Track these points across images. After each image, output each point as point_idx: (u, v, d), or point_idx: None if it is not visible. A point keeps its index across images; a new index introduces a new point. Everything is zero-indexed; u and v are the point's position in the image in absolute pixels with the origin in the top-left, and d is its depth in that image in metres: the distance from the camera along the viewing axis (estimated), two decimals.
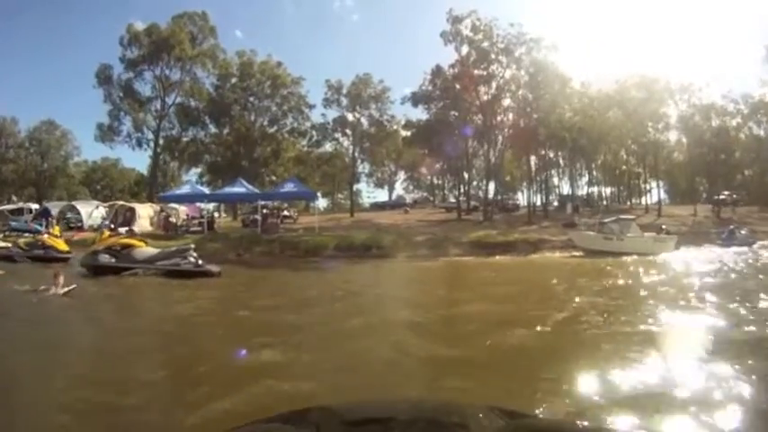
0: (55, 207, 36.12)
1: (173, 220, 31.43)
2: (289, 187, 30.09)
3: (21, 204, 40.31)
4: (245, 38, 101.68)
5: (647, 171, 51.40)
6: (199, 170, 53.07)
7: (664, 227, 27.27)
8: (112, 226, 29.41)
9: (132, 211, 33.75)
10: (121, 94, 48.72)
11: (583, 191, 55.21)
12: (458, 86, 39.64)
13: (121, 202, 37.19)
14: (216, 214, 38.13)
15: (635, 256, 21.64)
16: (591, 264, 19.86)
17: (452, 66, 40.30)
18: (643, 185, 56.40)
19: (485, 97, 39.72)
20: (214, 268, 16.22)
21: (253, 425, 1.75)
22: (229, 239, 26.10)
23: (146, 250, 17.00)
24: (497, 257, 23.08)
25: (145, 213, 33.10)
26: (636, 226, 25.86)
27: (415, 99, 42.12)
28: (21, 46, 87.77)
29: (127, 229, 24.02)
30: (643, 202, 52.45)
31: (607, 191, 58.33)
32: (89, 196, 61.83)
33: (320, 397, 5.07)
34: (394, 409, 1.82)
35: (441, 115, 41.15)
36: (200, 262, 16.37)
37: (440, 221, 35.61)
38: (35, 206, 38.55)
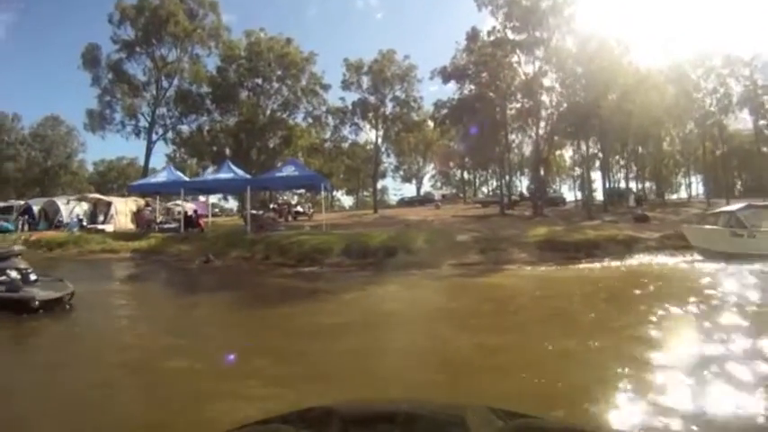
0: (36, 204, 32.25)
1: (148, 214, 26.08)
2: (288, 171, 23.13)
3: (12, 202, 36.79)
4: None
5: (690, 162, 48.88)
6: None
7: None
8: (84, 222, 26.84)
9: (109, 205, 28.93)
10: (111, 77, 43.25)
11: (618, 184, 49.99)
12: (498, 53, 32.77)
13: (98, 196, 31.15)
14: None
15: None
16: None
17: (489, 33, 33.87)
18: (682, 179, 54.30)
19: (528, 67, 33.38)
20: (56, 293, 9.23)
21: (253, 425, 1.66)
22: (203, 240, 19.34)
23: None
24: (585, 264, 16.08)
25: (124, 208, 28.33)
26: None
27: (447, 74, 35.28)
28: (25, 39, 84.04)
29: None
30: (676, 196, 50.74)
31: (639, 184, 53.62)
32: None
33: None
34: (394, 410, 1.76)
35: (478, 90, 34.38)
36: (33, 277, 9.34)
37: (479, 217, 29.73)
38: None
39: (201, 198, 34.47)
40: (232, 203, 53.83)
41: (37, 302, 8.64)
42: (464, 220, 28.46)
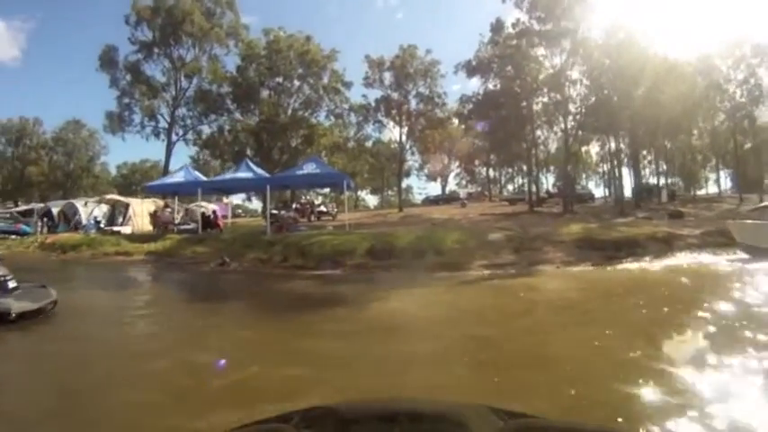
0: (56, 207, 31.81)
1: (167, 215, 24.91)
2: (309, 168, 21.88)
3: (33, 205, 36.74)
4: None
5: (719, 158, 47.39)
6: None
7: None
8: (101, 224, 26.08)
9: (127, 207, 28.54)
10: (129, 78, 42.77)
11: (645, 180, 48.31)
12: (523, 45, 31.51)
13: (116, 197, 30.55)
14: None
15: None
16: None
17: (514, 24, 32.49)
18: (709, 173, 53.03)
19: (555, 60, 31.85)
20: (34, 303, 8.16)
21: (253, 425, 1.68)
22: (220, 241, 18.32)
23: None
24: (628, 264, 14.58)
25: (142, 210, 27.48)
26: None
27: (471, 68, 34.21)
28: (47, 47, 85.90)
29: None
30: (705, 191, 49.62)
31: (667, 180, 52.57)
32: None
33: None
34: (394, 409, 1.78)
35: (504, 83, 33.27)
36: (11, 285, 8.29)
37: (507, 215, 28.33)
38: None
39: (225, 199, 33.75)
40: (257, 204, 53.46)
41: (13, 315, 7.61)
42: (492, 218, 27.17)
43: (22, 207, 37.98)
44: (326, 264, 14.70)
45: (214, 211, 26.64)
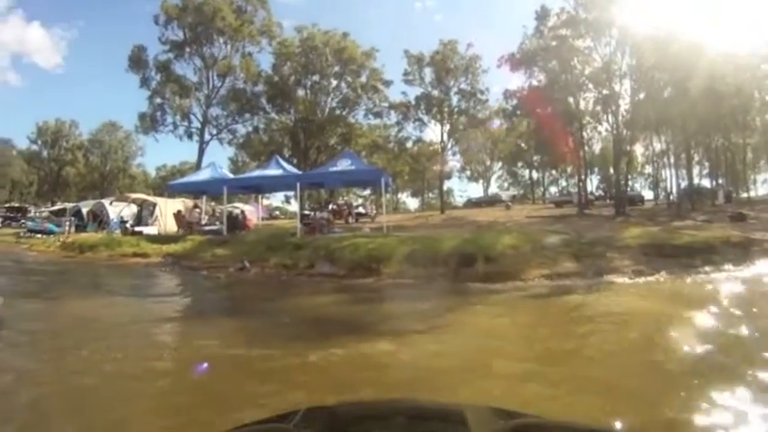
0: (86, 206, 31.70)
1: (196, 215, 24.19)
2: (343, 165, 19.92)
3: (65, 205, 37.80)
4: None
5: None
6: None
7: None
8: (129, 224, 25.12)
9: (155, 207, 27.19)
10: (160, 78, 41.84)
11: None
12: (569, 36, 29.50)
13: (143, 197, 29.37)
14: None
15: None
16: None
17: (558, 14, 30.54)
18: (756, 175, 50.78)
19: (604, 50, 29.52)
20: None
21: (253, 425, 1.63)
22: (243, 243, 16.53)
23: None
24: (710, 274, 12.24)
25: (169, 209, 25.85)
26: None
27: (515, 61, 32.17)
28: (88, 53, 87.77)
29: None
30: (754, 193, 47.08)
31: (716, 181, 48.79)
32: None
33: None
34: (394, 410, 1.76)
35: (550, 77, 31.15)
36: None
37: (556, 218, 26.57)
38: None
39: (266, 201, 32.56)
40: (296, 206, 52.59)
41: None
42: (540, 220, 25.32)
43: (56, 207, 38.93)
44: (359, 271, 12.67)
45: (242, 211, 25.08)
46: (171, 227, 24.32)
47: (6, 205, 50.42)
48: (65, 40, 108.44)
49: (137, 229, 23.78)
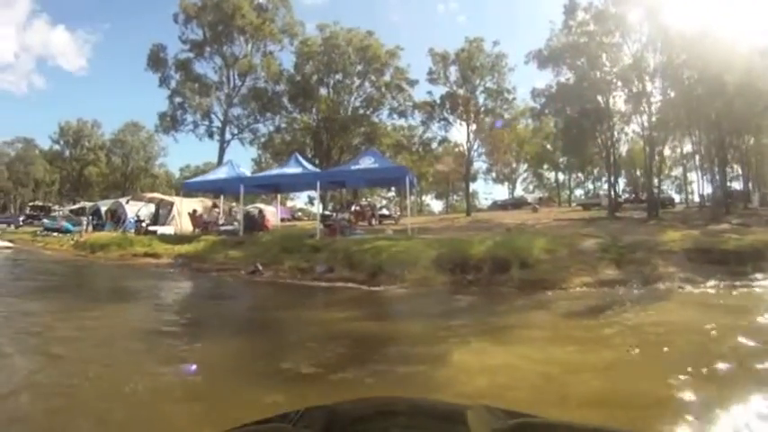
0: (104, 206, 32.33)
1: (216, 215, 23.61)
2: (366, 163, 18.74)
3: (85, 204, 38.37)
4: None
5: None
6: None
7: None
8: (144, 224, 24.65)
9: (172, 206, 26.74)
10: (179, 77, 41.33)
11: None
12: (599, 31, 28.00)
13: (160, 196, 28.78)
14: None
15: None
16: None
17: (586, 9, 28.97)
18: None
19: (635, 45, 27.99)
20: None
21: (252, 425, 1.55)
22: (258, 245, 15.51)
23: None
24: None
25: (186, 209, 25.17)
26: None
27: (543, 57, 30.84)
28: (112, 55, 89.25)
29: None
30: None
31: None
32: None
33: None
34: (393, 409, 1.70)
35: (578, 75, 29.56)
36: None
37: (586, 220, 25.16)
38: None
39: (290, 203, 31.76)
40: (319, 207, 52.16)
41: None
42: (569, 223, 23.89)
43: (76, 206, 39.35)
44: (380, 276, 11.47)
45: (260, 211, 24.16)
46: (188, 226, 23.74)
47: (31, 204, 51.42)
48: (89, 43, 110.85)
49: (151, 228, 23.14)
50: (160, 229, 23.29)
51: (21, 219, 43.04)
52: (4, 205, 63.35)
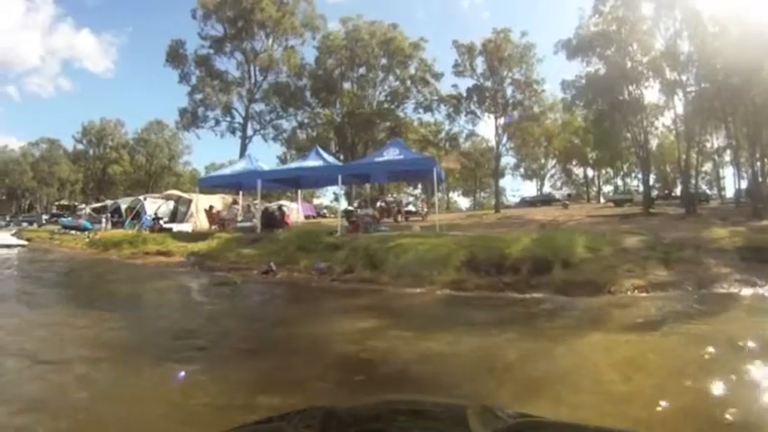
0: (124, 203, 31.55)
1: (235, 212, 22.51)
2: (391, 154, 17.37)
3: (106, 202, 37.98)
4: None
5: None
6: None
7: None
8: (162, 221, 23.93)
9: (190, 203, 26.04)
10: (199, 73, 40.85)
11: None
12: (630, 18, 26.78)
13: (178, 193, 28.21)
14: None
15: None
16: None
17: None
18: None
19: (669, 32, 26.59)
20: None
21: (252, 425, 1.64)
22: (273, 242, 14.44)
23: None
24: None
25: (205, 206, 24.53)
26: None
27: (572, 47, 29.56)
28: (136, 57, 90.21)
29: None
30: None
31: None
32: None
33: None
34: (393, 409, 1.72)
35: (610, 64, 28.09)
36: None
37: (621, 217, 23.96)
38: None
39: (316, 200, 30.97)
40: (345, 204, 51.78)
41: None
42: (603, 219, 22.81)
43: (98, 204, 38.92)
44: (406, 278, 10.17)
45: (280, 207, 23.14)
46: (206, 224, 22.98)
47: (57, 203, 52.02)
48: (114, 45, 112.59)
49: (166, 225, 22.40)
50: (176, 227, 22.60)
51: (44, 217, 43.54)
52: (31, 205, 64.34)
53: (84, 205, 44.14)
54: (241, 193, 24.33)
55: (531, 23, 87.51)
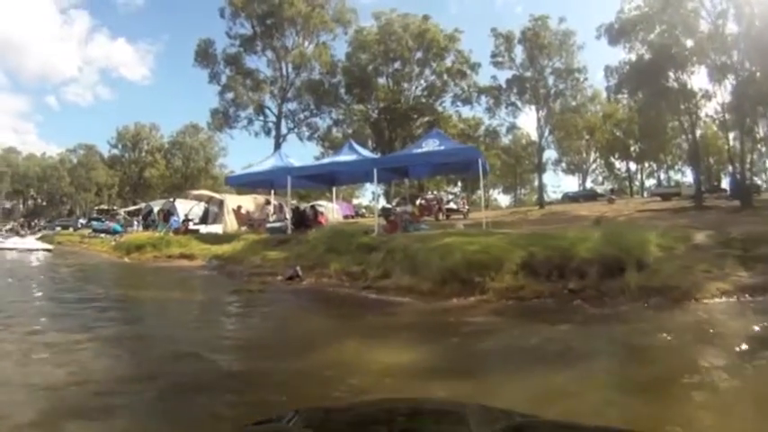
0: (157, 206, 31.05)
1: (277, 211, 22.12)
2: (430, 145, 15.82)
3: (141, 205, 38.27)
4: None
5: None
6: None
7: None
8: (192, 223, 23.22)
9: (221, 204, 25.22)
10: (229, 72, 40.31)
11: None
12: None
13: (209, 194, 27.41)
14: None
15: None
16: None
17: None
18: None
19: (718, 8, 25.49)
20: None
21: (252, 425, 1.63)
22: (302, 244, 13.08)
23: None
24: None
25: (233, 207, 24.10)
26: None
27: (614, 31, 28.67)
28: (173, 64, 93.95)
29: None
30: None
31: None
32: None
33: None
34: (394, 410, 1.69)
35: (654, 48, 26.79)
36: None
37: (672, 211, 23.15)
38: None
39: (355, 200, 30.05)
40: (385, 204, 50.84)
41: None
42: (654, 214, 21.53)
43: (133, 207, 39.69)
44: (452, 284, 8.45)
45: (313, 206, 21.91)
46: (236, 224, 22.10)
47: (96, 207, 52.78)
48: (151, 53, 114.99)
49: (193, 227, 21.42)
50: (205, 228, 21.73)
51: (81, 221, 44.04)
52: (71, 210, 65.62)
53: (123, 210, 44.59)
54: (273, 192, 23.21)
55: (568, 14, 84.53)
